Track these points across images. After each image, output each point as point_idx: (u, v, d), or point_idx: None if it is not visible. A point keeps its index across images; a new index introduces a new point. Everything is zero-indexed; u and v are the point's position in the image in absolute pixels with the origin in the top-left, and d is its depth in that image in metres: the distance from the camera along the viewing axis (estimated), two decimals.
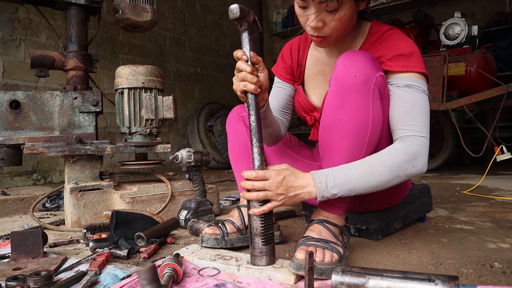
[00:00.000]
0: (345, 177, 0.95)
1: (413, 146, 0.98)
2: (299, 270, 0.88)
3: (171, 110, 1.73)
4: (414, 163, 0.97)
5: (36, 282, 0.85)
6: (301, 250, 0.92)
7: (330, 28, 1.03)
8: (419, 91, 1.03)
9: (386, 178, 0.96)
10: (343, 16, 1.01)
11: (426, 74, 1.07)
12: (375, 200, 1.21)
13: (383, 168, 0.96)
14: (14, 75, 3.35)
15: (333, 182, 0.95)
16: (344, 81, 0.98)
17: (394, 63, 1.05)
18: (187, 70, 5.04)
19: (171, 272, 0.87)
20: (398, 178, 0.98)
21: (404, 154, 0.97)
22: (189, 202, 1.53)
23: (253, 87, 0.94)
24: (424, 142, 1.00)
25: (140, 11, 1.72)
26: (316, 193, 0.96)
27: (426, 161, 1.00)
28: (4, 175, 3.25)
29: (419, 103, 1.02)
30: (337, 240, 1.01)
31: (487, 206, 1.82)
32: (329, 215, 1.06)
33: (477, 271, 0.95)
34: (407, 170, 0.97)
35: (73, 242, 1.31)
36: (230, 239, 1.16)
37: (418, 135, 1.00)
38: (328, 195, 0.96)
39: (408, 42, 1.08)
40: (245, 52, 0.97)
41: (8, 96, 1.55)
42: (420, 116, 1.02)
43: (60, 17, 3.59)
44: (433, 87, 3.15)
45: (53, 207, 2.01)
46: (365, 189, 0.97)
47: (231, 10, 0.93)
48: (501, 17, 4.10)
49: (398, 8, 4.38)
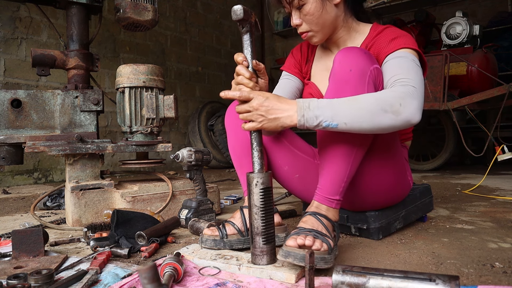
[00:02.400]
0: (329, 101, 0.95)
1: (400, 88, 0.97)
2: (287, 257, 0.88)
3: (172, 109, 1.73)
4: (402, 101, 0.93)
5: (37, 280, 0.85)
6: (292, 238, 0.92)
7: (306, 22, 1.18)
8: (408, 59, 1.06)
9: (371, 107, 0.92)
10: (309, 10, 1.15)
11: (418, 51, 1.11)
12: (375, 198, 1.21)
13: (369, 97, 0.94)
14: (15, 74, 3.35)
15: (316, 104, 0.94)
16: (341, 76, 1.01)
17: (387, 48, 1.12)
18: (188, 69, 5.04)
19: (172, 271, 0.87)
20: (386, 115, 0.92)
21: (391, 91, 0.96)
22: (190, 201, 1.53)
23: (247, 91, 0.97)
24: (413, 89, 0.96)
25: (141, 10, 1.72)
26: (297, 116, 0.94)
27: (417, 107, 0.94)
28: (5, 173, 3.25)
29: (407, 65, 1.04)
30: (328, 233, 1.00)
31: (488, 206, 1.82)
32: (322, 207, 1.05)
33: (477, 271, 0.94)
34: (394, 106, 0.92)
35: (74, 241, 1.31)
36: (230, 241, 1.14)
37: (407, 83, 0.98)
38: (309, 115, 0.93)
39: (399, 30, 1.16)
40: (246, 56, 0.99)
41: (10, 94, 1.56)
42: (408, 73, 1.01)
43: (61, 16, 3.59)
44: (435, 87, 3.15)
45: (54, 206, 2.01)
46: (348, 117, 0.92)
47: (235, 11, 0.94)
48: (502, 17, 4.09)
49: (400, 8, 4.38)
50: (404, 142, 1.34)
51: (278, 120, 0.95)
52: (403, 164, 1.23)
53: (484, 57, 3.32)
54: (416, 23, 3.86)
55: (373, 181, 1.17)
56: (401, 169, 1.22)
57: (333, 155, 1.04)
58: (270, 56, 6.38)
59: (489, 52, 3.43)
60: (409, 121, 0.94)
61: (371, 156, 1.12)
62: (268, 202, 0.97)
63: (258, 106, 0.95)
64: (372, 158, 1.13)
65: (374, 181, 1.17)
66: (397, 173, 1.20)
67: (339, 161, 1.04)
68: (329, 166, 1.05)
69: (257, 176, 0.96)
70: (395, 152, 1.18)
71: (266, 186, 0.97)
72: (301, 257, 0.87)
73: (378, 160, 1.14)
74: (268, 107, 0.95)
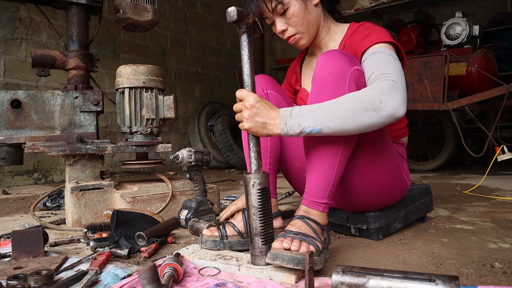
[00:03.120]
0: (310, 107, 0.96)
1: (379, 84, 0.96)
2: (274, 260, 0.88)
3: (172, 109, 1.73)
4: (382, 97, 0.92)
5: (36, 281, 0.85)
6: (278, 240, 0.93)
7: (292, 25, 1.22)
8: (385, 54, 1.06)
9: (350, 108, 0.92)
10: (294, 12, 1.19)
11: (394, 43, 1.12)
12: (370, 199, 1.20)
13: (347, 98, 0.94)
14: (15, 74, 3.35)
15: (298, 111, 0.95)
16: (320, 79, 1.03)
17: (361, 45, 1.13)
18: (188, 69, 5.05)
19: (172, 272, 0.87)
20: (367, 113, 0.92)
21: (370, 89, 0.96)
22: (189, 202, 1.53)
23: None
24: (393, 83, 0.96)
25: (141, 10, 1.72)
26: (280, 124, 0.95)
27: (400, 101, 0.94)
28: (5, 174, 3.25)
29: (384, 60, 1.04)
30: (316, 236, 1.00)
31: (488, 206, 1.82)
32: (310, 211, 1.05)
33: (477, 271, 0.94)
34: (374, 104, 0.92)
35: (74, 241, 1.31)
36: (230, 242, 1.14)
37: (386, 78, 0.98)
38: (291, 123, 0.94)
39: (372, 25, 1.18)
40: (243, 57, 1.00)
41: (9, 95, 1.56)
42: (386, 68, 1.01)
43: (61, 17, 3.60)
44: (434, 87, 3.15)
45: (54, 206, 2.01)
46: (330, 121, 0.93)
47: (229, 13, 0.94)
48: (502, 17, 4.09)
49: (400, 8, 4.38)
50: (400, 139, 1.33)
51: (265, 126, 0.96)
52: (396, 163, 1.21)
53: (484, 58, 3.33)
54: (416, 23, 3.87)
55: (366, 181, 1.16)
56: (395, 167, 1.20)
57: (318, 158, 1.04)
58: (270, 56, 6.38)
59: (488, 52, 3.43)
60: (392, 115, 0.93)
61: (359, 157, 1.11)
62: (266, 202, 0.97)
63: (250, 106, 0.96)
64: (361, 159, 1.12)
65: (367, 181, 1.16)
66: (391, 172, 1.19)
67: (324, 164, 1.04)
68: (315, 170, 1.05)
69: (254, 176, 0.96)
70: (386, 150, 1.16)
71: (264, 187, 0.97)
72: (289, 258, 0.87)
73: (367, 161, 1.13)
74: (258, 109, 0.96)
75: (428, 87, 3.17)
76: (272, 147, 1.27)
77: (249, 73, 1.00)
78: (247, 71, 1.00)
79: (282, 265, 0.87)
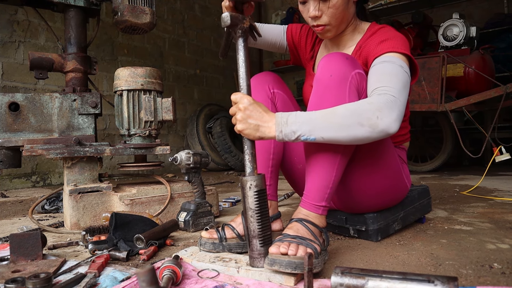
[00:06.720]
0: (306, 115, 0.96)
1: (378, 98, 0.96)
2: (272, 265, 0.88)
3: (170, 112, 1.73)
4: (379, 114, 0.92)
5: (35, 284, 0.84)
6: (275, 245, 0.92)
7: (327, 15, 1.17)
8: (394, 64, 1.04)
9: (347, 122, 0.92)
10: (336, 3, 1.15)
11: (409, 55, 1.09)
12: (370, 201, 1.20)
13: (345, 111, 0.94)
14: (13, 77, 3.35)
15: (294, 119, 0.95)
16: (322, 81, 1.03)
17: (375, 50, 1.11)
18: (186, 71, 5.05)
19: (171, 274, 0.87)
20: (362, 128, 0.92)
21: (369, 103, 0.95)
22: (188, 204, 1.53)
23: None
24: (392, 99, 0.95)
25: (139, 13, 1.72)
26: (275, 128, 0.95)
27: (395, 118, 0.93)
28: (3, 177, 3.24)
29: (390, 71, 1.02)
30: (314, 239, 0.99)
31: (486, 206, 1.83)
32: (309, 214, 1.05)
33: (476, 271, 0.95)
34: (371, 120, 0.92)
35: (72, 244, 1.31)
36: (229, 244, 1.14)
37: (386, 92, 0.97)
38: (286, 131, 0.94)
39: (392, 31, 1.15)
40: (239, 61, 0.99)
41: (7, 98, 1.55)
42: (390, 80, 1.00)
43: (59, 19, 3.59)
44: (432, 88, 3.16)
45: (52, 209, 2.01)
46: (326, 131, 0.93)
47: (222, 19, 0.95)
48: (499, 18, 4.12)
49: (397, 9, 4.39)
50: (402, 144, 1.33)
51: (258, 128, 0.96)
52: (397, 166, 1.21)
53: (481, 59, 3.34)
54: (413, 25, 3.88)
55: (366, 184, 1.16)
56: (395, 171, 1.20)
57: (317, 161, 1.04)
58: (268, 58, 6.39)
59: (486, 53, 3.45)
60: (385, 132, 0.93)
61: (359, 160, 1.12)
62: (263, 204, 0.97)
63: (243, 108, 0.96)
64: (361, 163, 1.13)
65: (367, 184, 1.16)
66: (391, 175, 1.19)
67: (323, 167, 1.04)
68: (314, 173, 1.05)
69: (251, 179, 0.96)
70: (386, 154, 1.16)
71: (260, 189, 0.97)
72: (286, 263, 0.87)
73: (367, 164, 1.14)
74: (252, 111, 0.96)
75: (426, 88, 3.18)
76: (276, 149, 1.26)
77: (244, 77, 0.99)
78: (243, 75, 1.00)
79: (280, 270, 0.87)
